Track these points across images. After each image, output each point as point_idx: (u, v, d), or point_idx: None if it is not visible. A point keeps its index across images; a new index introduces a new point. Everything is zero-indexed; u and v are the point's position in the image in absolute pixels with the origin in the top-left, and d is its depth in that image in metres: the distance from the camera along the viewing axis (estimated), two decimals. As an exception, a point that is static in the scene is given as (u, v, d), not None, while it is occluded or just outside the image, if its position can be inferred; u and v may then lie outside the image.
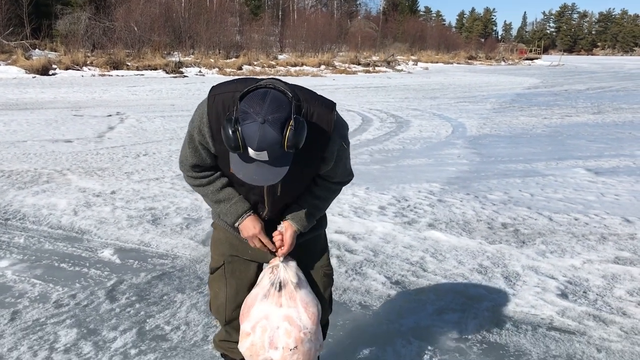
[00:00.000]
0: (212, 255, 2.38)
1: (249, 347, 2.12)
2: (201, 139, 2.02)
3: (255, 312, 2.12)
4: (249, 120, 1.74)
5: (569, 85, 25.84)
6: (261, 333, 2.09)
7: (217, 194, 2.12)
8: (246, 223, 2.12)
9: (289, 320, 2.08)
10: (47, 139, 9.27)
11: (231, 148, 1.80)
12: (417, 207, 5.66)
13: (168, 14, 37.72)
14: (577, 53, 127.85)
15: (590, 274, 4.05)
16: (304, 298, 2.12)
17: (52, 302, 3.48)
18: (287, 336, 2.07)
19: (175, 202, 5.68)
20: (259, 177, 1.85)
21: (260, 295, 2.13)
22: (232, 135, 1.76)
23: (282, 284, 2.12)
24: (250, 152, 1.78)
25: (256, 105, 1.76)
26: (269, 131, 1.73)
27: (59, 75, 25.16)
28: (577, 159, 8.39)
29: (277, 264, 2.16)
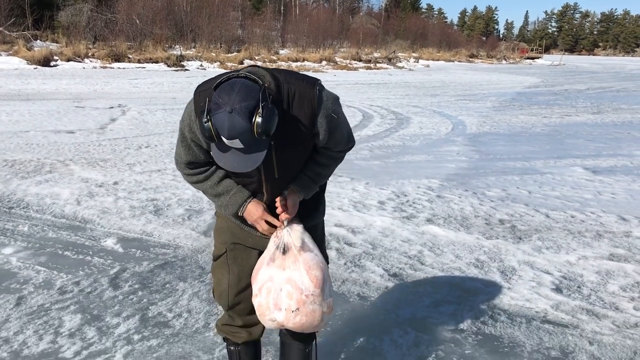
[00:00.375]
0: (215, 243, 2.43)
1: (257, 306, 2.20)
2: (192, 136, 2.06)
3: (262, 275, 2.18)
4: (219, 111, 1.79)
5: (570, 85, 25.89)
6: (266, 294, 2.15)
7: (215, 188, 2.17)
8: (249, 209, 2.17)
9: (291, 283, 2.13)
10: (49, 130, 9.33)
11: (206, 138, 1.87)
12: (415, 203, 5.73)
13: (170, 7, 37.71)
14: (579, 53, 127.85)
15: (584, 270, 4.13)
16: (307, 261, 2.16)
17: (57, 288, 3.55)
18: (289, 298, 2.12)
19: (177, 193, 5.74)
20: (238, 165, 1.90)
21: (266, 259, 2.18)
22: (205, 126, 1.82)
23: (286, 247, 2.17)
24: (225, 141, 1.84)
25: (225, 95, 1.81)
26: (237, 120, 1.78)
27: (60, 66, 25.20)
28: (575, 157, 8.46)
29: (282, 227, 2.19)
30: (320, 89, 2.07)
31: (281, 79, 2.01)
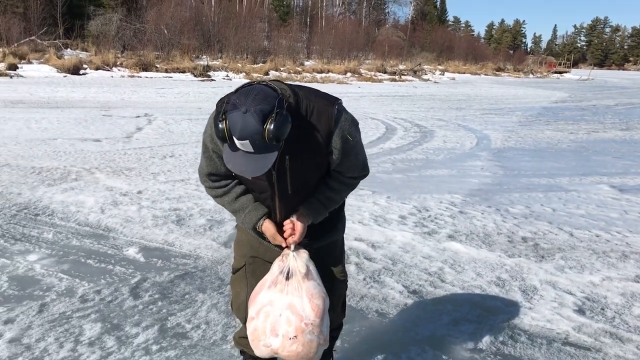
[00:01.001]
0: (235, 256, 2.46)
1: (252, 331, 2.16)
2: (214, 147, 2.11)
3: (261, 298, 2.15)
4: (234, 110, 1.84)
5: (598, 100, 25.53)
6: (264, 319, 2.12)
7: (232, 204, 2.21)
8: (265, 225, 2.20)
9: (292, 309, 2.09)
10: (76, 138, 9.50)
11: (219, 138, 1.91)
12: (437, 218, 5.69)
13: (198, 18, 38.26)
14: (608, 67, 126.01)
15: (609, 291, 4.05)
16: (310, 289, 2.13)
17: (78, 296, 3.60)
18: (287, 324, 2.08)
19: (199, 203, 5.79)
20: (246, 168, 1.92)
21: (268, 282, 2.16)
22: (220, 126, 1.87)
23: (290, 272, 2.14)
24: (236, 142, 1.86)
25: (242, 97, 1.86)
26: (250, 121, 1.81)
27: (89, 75, 25.67)
28: (602, 175, 8.32)
29: (288, 252, 2.18)
30: (339, 109, 2.08)
31: (301, 94, 2.04)
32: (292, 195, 2.15)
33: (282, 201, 2.17)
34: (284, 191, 2.14)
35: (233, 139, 1.86)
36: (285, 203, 2.18)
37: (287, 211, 2.19)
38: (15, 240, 4.59)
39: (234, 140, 1.86)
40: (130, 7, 35.01)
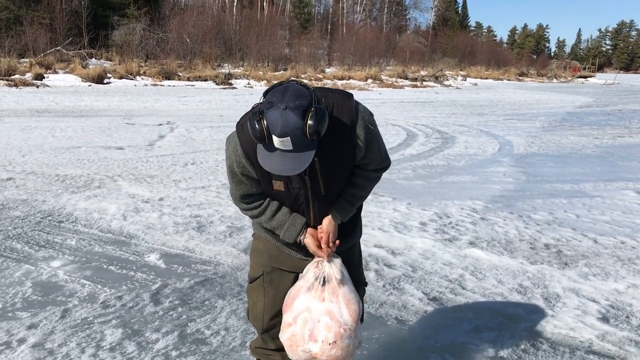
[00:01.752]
0: (252, 265, 2.45)
1: (289, 337, 2.17)
2: (242, 170, 2.11)
3: (298, 304, 2.17)
4: (272, 108, 1.83)
5: (624, 105, 25.14)
6: (302, 325, 2.13)
7: (270, 222, 2.21)
8: (307, 241, 2.21)
9: (330, 315, 2.12)
10: (100, 146, 9.64)
11: (257, 139, 1.88)
12: (458, 225, 5.65)
13: (220, 27, 38.64)
14: (635, 71, 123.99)
15: (634, 299, 3.97)
16: (346, 294, 2.16)
17: (100, 302, 3.64)
18: (327, 330, 2.11)
19: (220, 210, 5.83)
20: (284, 167, 1.90)
21: (304, 288, 2.18)
22: (257, 125, 1.84)
23: (326, 279, 2.17)
24: (275, 141, 1.84)
25: (279, 95, 1.85)
26: (290, 117, 1.81)
27: (113, 84, 26.06)
28: (628, 180, 8.18)
29: (322, 259, 2.21)
30: (356, 102, 2.11)
31: (318, 93, 2.04)
32: (325, 195, 2.16)
33: (316, 204, 2.18)
34: (317, 193, 2.15)
35: (272, 137, 1.84)
36: (320, 205, 2.18)
37: (321, 214, 2.21)
38: (40, 246, 4.67)
39: (273, 139, 1.84)
40: (153, 17, 35.48)
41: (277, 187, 2.11)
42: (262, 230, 2.34)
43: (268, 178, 2.09)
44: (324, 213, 2.20)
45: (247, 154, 2.06)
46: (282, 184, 2.10)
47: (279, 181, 2.09)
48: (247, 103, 19.58)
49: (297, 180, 2.09)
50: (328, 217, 2.21)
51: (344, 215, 2.23)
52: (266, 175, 2.08)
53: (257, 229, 2.38)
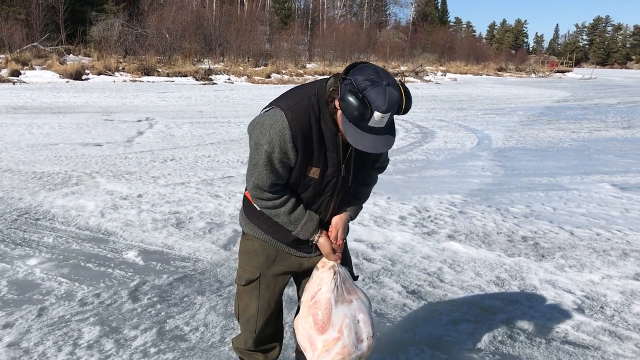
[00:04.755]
0: (245, 267, 2.34)
1: (339, 350, 2.14)
2: (282, 157, 2.04)
3: (336, 317, 2.16)
4: (375, 86, 1.84)
5: (600, 99, 25.49)
6: (348, 332, 2.14)
7: (288, 216, 2.15)
8: (322, 242, 2.20)
9: (362, 311, 2.18)
10: (78, 143, 9.53)
11: (356, 116, 1.85)
12: (437, 218, 5.69)
13: (199, 22, 38.32)
14: (611, 66, 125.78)
15: (608, 290, 4.04)
16: (356, 287, 2.25)
17: (77, 300, 3.61)
18: (366, 326, 2.17)
19: (199, 206, 5.80)
20: (376, 145, 1.92)
21: (332, 300, 2.17)
22: (359, 103, 1.83)
23: (343, 281, 2.21)
24: (375, 117, 1.85)
25: (374, 73, 1.88)
26: (393, 93, 1.86)
27: (91, 80, 25.75)
28: (603, 173, 8.31)
29: (333, 264, 2.22)
30: None
31: None
32: (351, 186, 2.20)
33: (340, 196, 2.19)
34: (345, 183, 2.17)
35: (373, 114, 1.85)
36: (342, 198, 2.20)
37: (340, 207, 2.23)
38: (16, 244, 4.61)
39: (374, 115, 1.85)
40: (132, 12, 35.08)
41: (311, 174, 2.08)
42: (258, 231, 2.28)
43: (307, 163, 2.06)
44: (341, 207, 2.23)
45: (295, 139, 2.00)
46: (318, 171, 2.09)
47: (315, 168, 2.08)
48: (227, 99, 19.51)
49: (333, 168, 2.10)
50: (339, 215, 2.23)
51: (355, 213, 2.29)
52: (306, 160, 2.05)
53: (252, 230, 2.30)
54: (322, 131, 2.04)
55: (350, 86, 1.86)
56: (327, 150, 2.06)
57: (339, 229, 2.22)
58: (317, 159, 2.07)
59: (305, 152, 2.02)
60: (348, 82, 1.88)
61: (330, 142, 2.06)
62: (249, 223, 2.31)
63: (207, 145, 9.70)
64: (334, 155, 2.08)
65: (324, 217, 2.21)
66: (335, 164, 2.09)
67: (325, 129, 2.04)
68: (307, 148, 2.03)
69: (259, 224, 2.27)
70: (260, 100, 19.35)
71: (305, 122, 2.01)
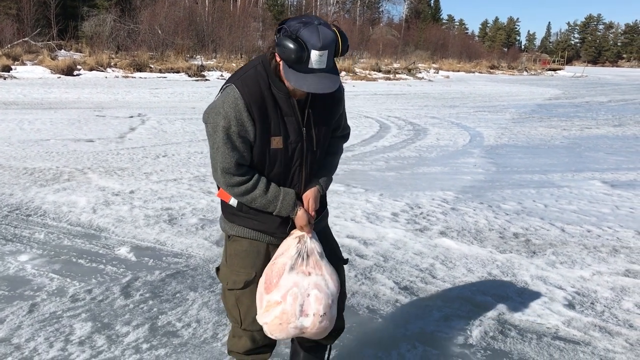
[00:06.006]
0: (239, 270, 2.27)
1: (278, 315, 2.14)
2: (240, 129, 2.04)
3: (285, 281, 2.15)
4: (307, 25, 1.88)
5: (591, 97, 25.62)
6: (292, 301, 2.13)
7: (265, 196, 2.13)
8: (299, 214, 2.19)
9: (318, 288, 2.15)
10: (69, 138, 9.48)
11: (293, 59, 1.88)
12: (429, 215, 5.71)
13: (192, 18, 38.18)
14: (602, 65, 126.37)
15: (599, 286, 4.07)
16: (327, 267, 2.21)
17: (69, 296, 3.60)
18: (317, 303, 2.14)
19: (191, 202, 5.79)
20: (321, 85, 1.93)
21: (288, 265, 2.16)
22: (294, 44, 1.86)
23: (308, 253, 2.19)
24: (313, 56, 1.87)
25: (304, 18, 1.92)
26: (326, 31, 1.89)
27: (83, 76, 25.61)
28: (594, 171, 8.35)
29: (303, 234, 2.22)
30: None
31: None
32: (317, 151, 2.21)
33: (309, 162, 2.20)
34: (310, 148, 2.18)
35: (310, 54, 1.87)
36: (311, 166, 2.21)
37: (311, 176, 2.24)
38: (7, 240, 4.58)
39: (312, 54, 1.87)
40: (124, 8, 34.90)
41: (274, 145, 2.09)
42: (244, 230, 2.25)
43: (267, 134, 2.07)
44: (312, 179, 2.24)
45: (249, 108, 2.03)
46: (281, 139, 2.09)
47: (277, 137, 2.09)
48: (219, 95, 19.43)
49: (295, 134, 2.11)
50: (311, 188, 2.24)
51: (326, 184, 2.31)
52: (265, 130, 2.06)
53: (238, 231, 2.26)
54: (274, 97, 2.07)
55: (284, 31, 1.91)
56: (285, 115, 2.09)
57: (309, 199, 2.22)
58: (277, 126, 2.08)
59: (262, 121, 2.04)
60: (281, 29, 1.93)
61: (285, 106, 2.08)
62: (233, 226, 2.28)
63: (200, 142, 9.68)
64: (292, 120, 2.10)
65: (298, 190, 2.22)
66: (297, 128, 2.11)
67: (277, 93, 2.07)
68: (263, 116, 2.05)
69: (243, 222, 2.25)
70: (252, 97, 19.30)
71: (256, 90, 2.04)
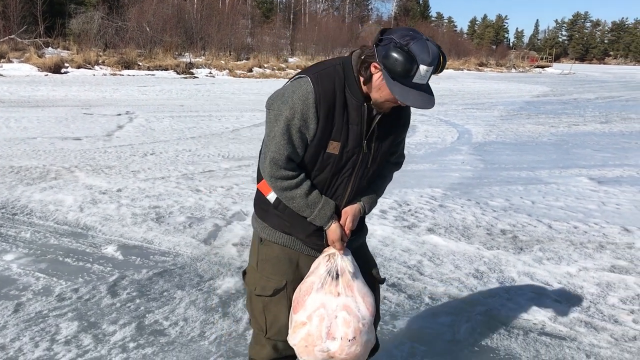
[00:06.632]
0: (269, 276, 2.18)
1: (304, 337, 2.04)
2: (302, 124, 1.97)
3: (311, 301, 2.04)
4: (416, 39, 1.85)
5: (579, 94, 25.79)
6: (318, 322, 2.01)
7: (305, 199, 2.05)
8: (333, 227, 2.09)
9: (347, 310, 2.01)
10: (56, 137, 9.41)
11: (400, 72, 1.84)
12: (418, 212, 5.72)
13: (180, 15, 38.00)
14: (589, 62, 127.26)
15: (585, 282, 4.10)
16: (361, 288, 2.07)
17: (55, 295, 3.57)
18: (345, 326, 2.00)
19: (179, 201, 5.77)
20: (422, 101, 1.90)
21: (316, 284, 2.05)
22: (406, 57, 1.82)
23: (338, 272, 2.05)
24: (421, 71, 1.84)
25: (410, 31, 1.89)
26: (433, 46, 1.86)
27: (70, 73, 25.41)
28: (581, 167, 8.42)
29: (334, 252, 2.09)
30: None
31: None
32: (370, 168, 2.12)
33: (358, 177, 2.11)
34: (365, 163, 2.09)
35: (418, 68, 1.84)
36: (360, 180, 2.12)
37: (357, 192, 2.14)
38: (-8, 240, 4.55)
39: (420, 69, 1.84)
40: (112, 5, 34.63)
41: (331, 149, 2.00)
42: (276, 234, 2.17)
43: (327, 137, 1.99)
44: (357, 194, 2.14)
45: (318, 105, 1.95)
46: (339, 145, 2.01)
47: (336, 142, 2.00)
48: (208, 92, 19.38)
49: (354, 143, 2.02)
50: (353, 205, 2.14)
51: (370, 206, 2.19)
52: (327, 132, 1.98)
53: (270, 234, 2.18)
54: (346, 101, 1.99)
55: (393, 43, 1.85)
56: (350, 123, 2.00)
57: (348, 216, 2.12)
58: (339, 131, 1.99)
59: (326, 121, 1.96)
60: (388, 40, 1.87)
61: (354, 113, 2.00)
62: (265, 227, 2.19)
63: (188, 140, 9.64)
64: (356, 129, 2.01)
65: (339, 203, 2.12)
66: (358, 139, 2.02)
67: (350, 98, 1.99)
68: (329, 116, 1.97)
69: (275, 222, 2.16)
70: (241, 94, 19.27)
71: (330, 87, 1.97)
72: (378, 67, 1.90)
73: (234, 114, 13.61)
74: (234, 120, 12.39)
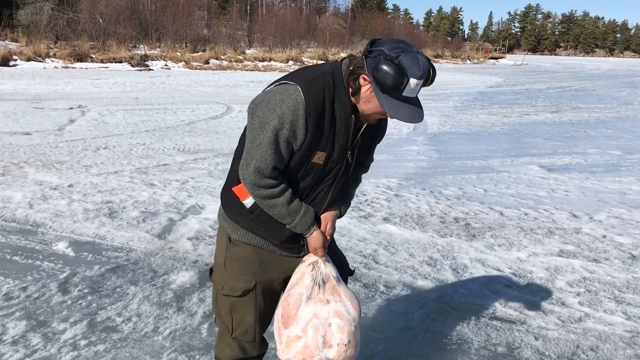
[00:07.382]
0: (238, 276, 2.14)
1: (300, 350, 2.03)
2: (290, 134, 1.91)
3: (303, 314, 2.04)
4: (407, 52, 1.81)
5: (531, 85, 26.41)
6: (314, 333, 2.01)
7: (287, 207, 2.01)
8: (315, 235, 2.07)
9: (339, 315, 2.03)
10: (4, 132, 9.12)
11: (390, 85, 1.80)
12: (374, 202, 5.78)
13: (134, 6, 37.22)
14: (541, 53, 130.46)
15: (534, 267, 4.22)
16: (346, 291, 2.09)
17: (2, 294, 3.47)
18: (340, 332, 2.02)
19: (133, 195, 5.67)
20: (412, 115, 1.87)
21: (304, 296, 2.04)
22: (395, 70, 1.78)
23: (324, 279, 2.06)
24: (411, 84, 1.81)
25: (400, 43, 1.84)
26: (423, 59, 1.82)
27: (19, 66, 24.65)
28: (532, 156, 8.64)
29: (316, 259, 2.08)
30: None
31: None
32: (350, 176, 2.11)
33: (338, 186, 2.08)
34: (346, 172, 2.07)
35: (409, 82, 1.80)
36: (340, 189, 2.10)
37: (336, 199, 2.12)
38: None
39: (410, 82, 1.80)
40: (62, -4, 33.70)
41: (316, 159, 1.97)
42: (248, 235, 2.12)
43: (314, 147, 1.95)
44: (337, 200, 2.13)
45: (308, 116, 1.89)
46: (324, 156, 1.98)
47: (322, 152, 1.97)
48: (163, 85, 19.08)
49: (338, 153, 2.00)
50: (331, 211, 2.12)
51: (345, 209, 2.21)
52: (314, 143, 1.94)
53: (241, 235, 2.13)
54: (334, 112, 1.95)
55: (383, 55, 1.81)
56: (337, 134, 1.97)
57: (328, 222, 2.11)
58: (325, 142, 1.96)
59: (315, 132, 1.92)
60: (378, 52, 1.83)
61: (341, 125, 1.97)
62: (236, 228, 2.13)
63: (142, 133, 9.48)
64: (342, 140, 1.98)
65: (318, 210, 2.09)
66: (343, 149, 2.00)
67: (338, 109, 1.95)
68: (318, 128, 1.93)
69: (248, 225, 2.11)
70: (197, 87, 19.04)
71: (320, 99, 1.91)
72: (367, 79, 1.86)
73: (190, 106, 13.45)
74: (190, 113, 12.24)
